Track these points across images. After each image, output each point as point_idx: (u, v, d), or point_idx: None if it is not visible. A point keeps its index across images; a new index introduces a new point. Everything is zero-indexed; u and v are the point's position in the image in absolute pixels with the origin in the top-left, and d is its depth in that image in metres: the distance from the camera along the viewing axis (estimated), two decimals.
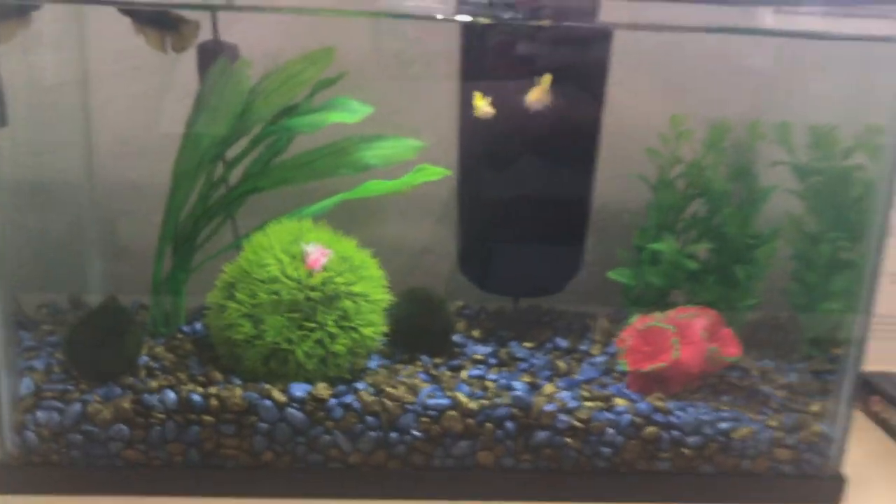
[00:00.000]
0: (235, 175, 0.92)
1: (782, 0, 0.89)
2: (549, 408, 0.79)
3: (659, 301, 0.96)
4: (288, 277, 0.79)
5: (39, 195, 0.99)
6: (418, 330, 0.91)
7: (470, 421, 0.78)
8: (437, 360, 0.90)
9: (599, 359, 0.92)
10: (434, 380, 0.84)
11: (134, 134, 1.02)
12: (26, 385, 0.78)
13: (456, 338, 0.96)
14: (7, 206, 0.83)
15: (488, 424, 0.79)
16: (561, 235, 0.96)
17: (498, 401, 0.79)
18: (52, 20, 0.94)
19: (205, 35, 0.92)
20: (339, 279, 0.80)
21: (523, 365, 0.91)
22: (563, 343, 0.96)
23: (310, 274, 0.79)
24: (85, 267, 1.01)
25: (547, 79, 0.85)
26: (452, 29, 0.93)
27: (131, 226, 1.03)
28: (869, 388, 1.00)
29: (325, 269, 0.80)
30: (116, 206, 1.02)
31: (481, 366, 0.89)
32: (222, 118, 0.88)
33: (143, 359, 0.83)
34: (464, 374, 0.87)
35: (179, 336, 0.88)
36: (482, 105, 0.84)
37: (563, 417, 0.79)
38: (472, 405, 0.79)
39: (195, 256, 0.92)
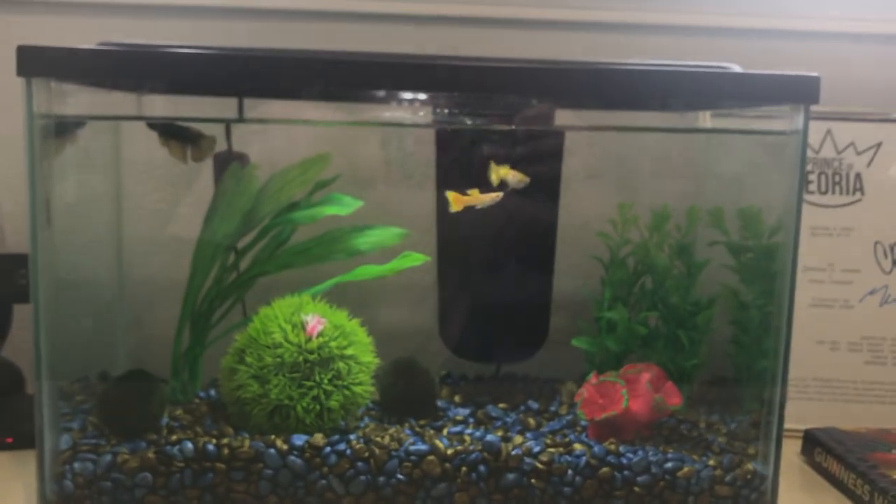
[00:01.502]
0: (245, 262, 1.08)
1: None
2: (515, 452, 0.91)
3: (617, 365, 1.09)
4: (290, 342, 0.93)
5: (73, 290, 1.14)
6: (405, 396, 1.04)
7: (447, 465, 0.90)
8: (422, 422, 1.02)
9: (567, 417, 1.05)
10: (418, 435, 0.96)
11: (158, 234, 1.18)
12: (65, 441, 0.90)
13: (440, 403, 1.08)
14: (50, 300, 0.97)
15: (463, 468, 0.90)
16: (528, 309, 1.11)
17: (471, 447, 0.91)
18: (90, 135, 1.12)
19: (220, 146, 1.10)
20: (333, 343, 0.94)
21: (497, 423, 1.03)
22: (534, 405, 1.08)
23: (308, 339, 0.93)
24: (113, 350, 1.15)
25: (506, 168, 1.00)
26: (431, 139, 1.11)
27: (154, 314, 1.17)
28: (813, 442, 1.11)
29: (321, 335, 0.94)
30: (141, 298, 1.17)
31: (461, 425, 1.02)
32: (235, 214, 1.04)
33: (164, 420, 0.96)
34: (444, 431, 0.99)
35: (196, 401, 1.01)
36: (455, 200, 0.98)
37: (528, 460, 0.91)
38: (449, 451, 0.91)
39: (210, 333, 1.06)
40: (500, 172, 0.97)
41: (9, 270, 1.16)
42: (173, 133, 1.11)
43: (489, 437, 0.93)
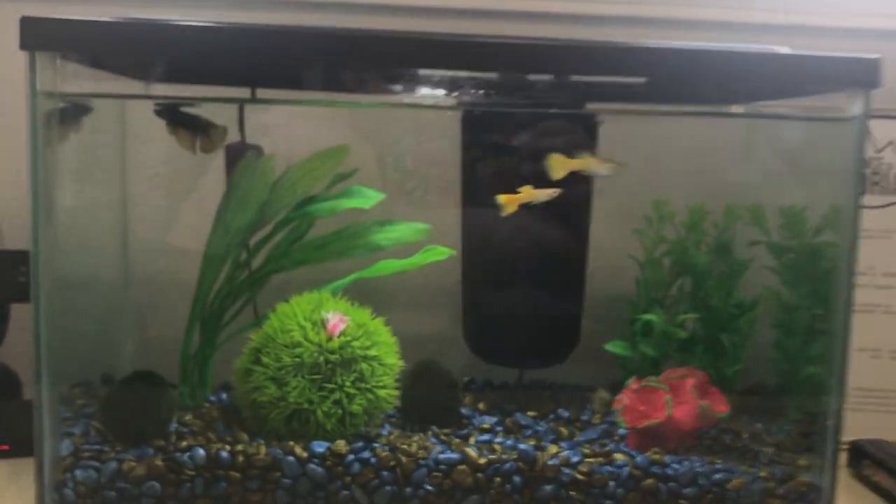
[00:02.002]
0: (258, 259, 1.01)
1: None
2: (552, 462, 0.85)
3: (652, 372, 1.03)
4: (309, 342, 0.86)
5: (75, 289, 1.08)
6: (428, 402, 0.97)
7: (479, 475, 0.84)
8: (446, 430, 0.95)
9: (600, 427, 0.98)
10: (444, 443, 0.90)
11: (166, 230, 1.12)
12: (66, 447, 0.83)
13: (463, 410, 1.02)
14: (51, 298, 0.91)
15: (497, 478, 0.84)
16: (559, 311, 1.04)
17: (504, 456, 0.85)
18: (95, 124, 1.06)
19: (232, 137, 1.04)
20: (355, 343, 0.87)
21: (528, 432, 0.96)
22: (564, 413, 1.02)
23: (329, 338, 0.87)
24: (116, 352, 1.08)
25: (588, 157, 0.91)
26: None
27: (160, 315, 1.11)
28: (861, 454, 1.05)
29: (343, 334, 0.87)
30: (147, 297, 1.11)
31: (488, 433, 0.95)
32: (249, 207, 0.98)
33: (173, 426, 0.89)
34: (472, 440, 0.92)
35: (207, 405, 0.95)
36: (508, 201, 0.90)
37: (566, 471, 0.84)
38: (481, 460, 0.84)
39: (221, 334, 0.99)
40: (572, 164, 0.88)
41: (7, 268, 1.10)
42: (182, 122, 1.05)
43: (524, 446, 0.86)
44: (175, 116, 1.05)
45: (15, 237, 1.16)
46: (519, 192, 0.88)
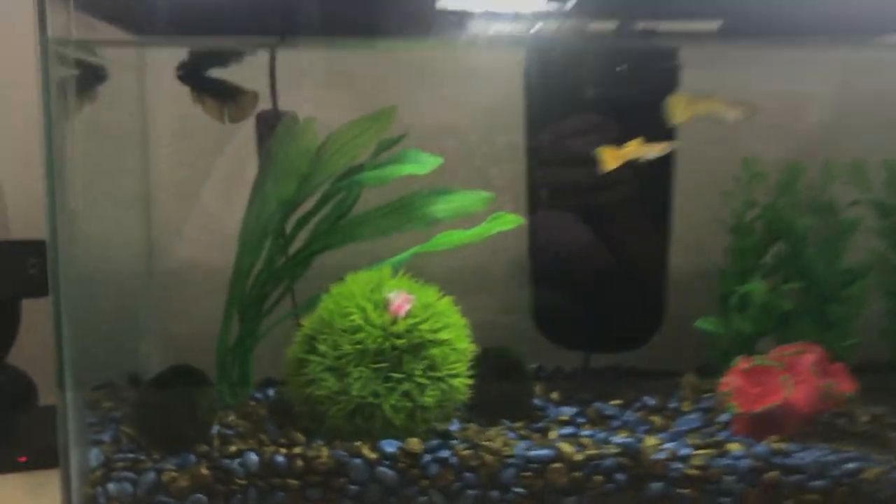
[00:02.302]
0: (299, 239, 0.89)
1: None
2: (658, 456, 0.73)
3: (748, 351, 0.91)
4: (372, 325, 0.74)
5: (96, 280, 0.96)
6: (498, 393, 0.85)
7: (576, 474, 0.72)
8: (519, 425, 0.84)
9: (690, 415, 0.86)
10: (525, 439, 0.78)
11: (195, 210, 1.00)
12: (95, 456, 0.72)
13: (535, 401, 0.90)
14: (74, 293, 0.80)
15: (596, 476, 0.72)
16: (642, 287, 0.93)
17: (604, 451, 0.73)
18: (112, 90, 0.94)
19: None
20: (424, 326, 0.75)
21: (615, 423, 0.85)
22: (650, 401, 0.90)
23: (394, 321, 0.75)
24: (143, 349, 0.97)
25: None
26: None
27: (190, 305, 0.99)
28: None
29: (409, 315, 0.75)
30: (177, 286, 0.99)
31: (569, 426, 0.83)
32: (290, 178, 0.86)
33: (215, 428, 0.77)
34: (552, 434, 0.81)
35: (252, 403, 0.83)
36: (611, 157, 0.78)
37: (675, 466, 0.73)
38: (578, 456, 0.72)
39: (262, 322, 0.88)
40: (697, 107, 0.76)
41: (16, 259, 0.98)
42: (209, 87, 0.94)
43: (625, 439, 0.75)
44: (200, 81, 0.94)
45: (22, 229, 1.05)
46: (625, 147, 0.76)
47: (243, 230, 0.87)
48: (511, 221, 0.85)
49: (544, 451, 0.72)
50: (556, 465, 0.72)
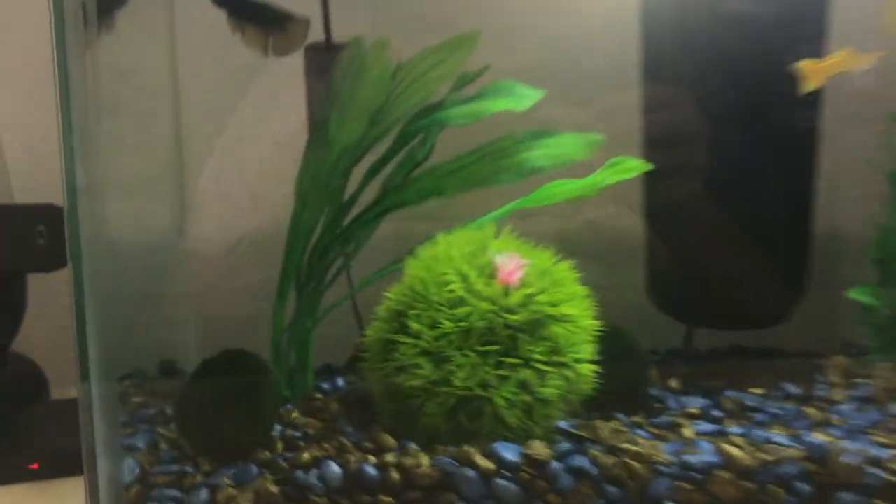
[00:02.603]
0: (367, 194, 0.73)
1: None
2: (848, 458, 0.57)
3: None
4: (477, 296, 0.58)
5: (120, 250, 0.80)
6: (612, 381, 0.69)
7: (748, 484, 0.56)
8: (636, 419, 0.68)
9: (849, 405, 0.70)
10: (659, 439, 0.62)
11: (235, 165, 0.84)
12: (129, 469, 0.56)
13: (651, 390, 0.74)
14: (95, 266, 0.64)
15: (774, 487, 0.56)
16: (783, 250, 0.76)
17: (781, 455, 0.57)
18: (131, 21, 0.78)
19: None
20: (542, 298, 0.59)
21: (761, 416, 0.69)
22: (791, 388, 0.74)
23: (505, 292, 0.59)
24: (174, 331, 0.81)
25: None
26: None
27: (232, 279, 0.83)
28: None
29: (522, 284, 0.59)
30: (214, 259, 0.83)
31: (705, 421, 0.67)
32: (357, 118, 0.70)
33: (277, 429, 0.61)
34: (687, 431, 0.65)
35: (318, 396, 0.67)
36: (813, 71, 0.62)
37: (873, 471, 0.57)
38: (749, 461, 0.56)
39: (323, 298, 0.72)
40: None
41: (20, 227, 0.82)
42: (251, 13, 0.78)
43: (804, 439, 0.59)
44: (241, 6, 0.77)
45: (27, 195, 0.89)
46: (828, 59, 0.60)
47: (299, 185, 0.71)
48: (633, 168, 0.69)
49: (709, 458, 0.56)
50: (722, 473, 0.56)
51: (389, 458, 0.55)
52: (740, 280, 0.76)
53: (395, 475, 0.54)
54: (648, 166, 0.69)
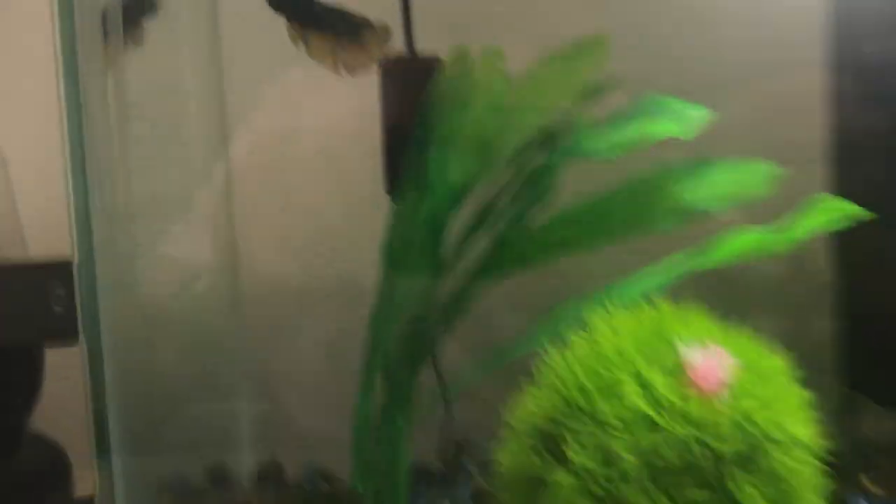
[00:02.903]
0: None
1: None
2: None
3: None
4: (669, 413, 0.40)
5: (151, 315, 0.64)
6: None
7: None
8: None
9: None
10: None
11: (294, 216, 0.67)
12: None
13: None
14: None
15: None
16: None
17: None
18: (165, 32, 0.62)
19: None
20: (760, 415, 0.41)
21: None
22: None
23: (705, 402, 0.41)
24: (230, 422, 0.63)
25: None
26: None
27: (291, 346, 0.66)
28: None
29: (731, 392, 0.41)
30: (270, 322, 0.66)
31: None
32: (465, 152, 0.53)
33: None
34: None
35: None
36: None
37: None
38: None
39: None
40: None
41: (35, 288, 0.67)
42: (317, 19, 0.61)
43: None
44: (305, 9, 0.61)
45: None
46: None
47: (390, 244, 0.53)
48: (840, 211, 0.51)
49: None
50: None
51: None
52: None
53: None
54: (867, 213, 0.50)
